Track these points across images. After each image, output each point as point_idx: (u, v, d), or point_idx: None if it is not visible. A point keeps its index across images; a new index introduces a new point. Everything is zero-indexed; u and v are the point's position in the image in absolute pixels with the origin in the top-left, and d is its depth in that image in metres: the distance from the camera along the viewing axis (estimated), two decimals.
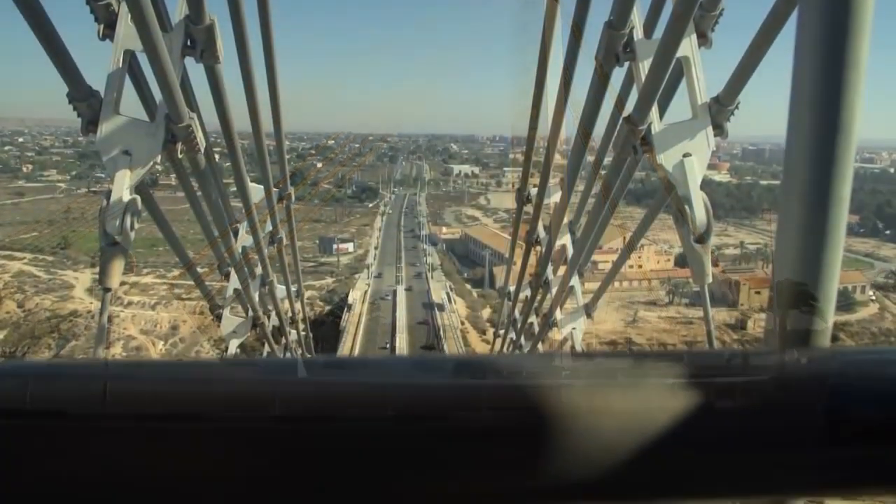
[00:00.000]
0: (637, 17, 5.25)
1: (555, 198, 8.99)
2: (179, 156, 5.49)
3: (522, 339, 13.08)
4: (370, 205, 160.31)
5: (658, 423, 0.40)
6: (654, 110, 5.04)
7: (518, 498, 0.40)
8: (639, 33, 5.20)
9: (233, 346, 10.33)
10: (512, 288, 12.93)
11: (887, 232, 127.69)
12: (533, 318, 12.40)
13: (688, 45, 5.02)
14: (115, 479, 0.36)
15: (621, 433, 0.39)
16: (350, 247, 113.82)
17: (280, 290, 12.05)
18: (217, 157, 8.29)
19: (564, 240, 9.67)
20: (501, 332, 15.46)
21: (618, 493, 0.41)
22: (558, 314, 10.80)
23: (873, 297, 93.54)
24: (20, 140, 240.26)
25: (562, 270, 10.26)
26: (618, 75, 5.70)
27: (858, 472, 0.42)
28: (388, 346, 55.60)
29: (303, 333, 15.72)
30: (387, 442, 0.37)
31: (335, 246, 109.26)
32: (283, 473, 0.37)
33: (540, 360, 0.41)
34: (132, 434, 0.36)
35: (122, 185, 4.90)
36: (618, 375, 0.41)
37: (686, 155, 4.99)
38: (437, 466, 0.38)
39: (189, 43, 5.32)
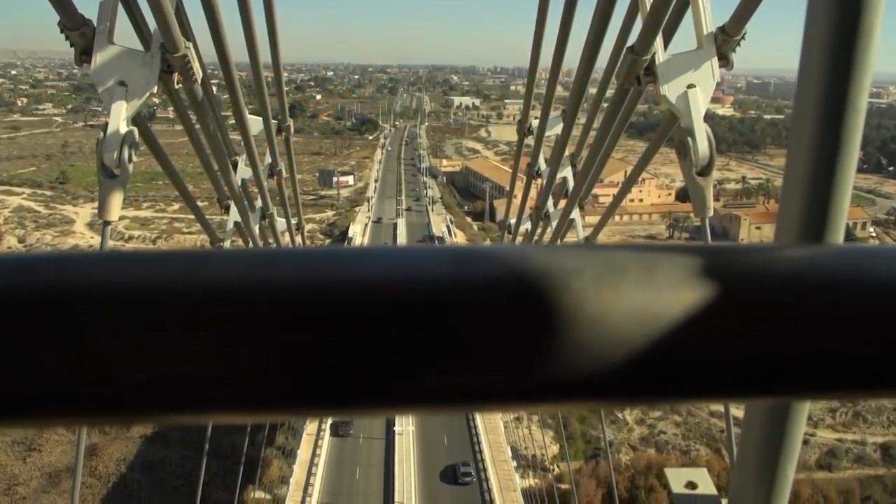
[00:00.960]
0: None
1: (556, 130, 8.91)
2: (176, 87, 5.41)
3: None
4: (370, 137, 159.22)
5: (668, 319, 0.37)
6: (659, 40, 4.95)
7: (521, 394, 0.38)
8: None
9: None
10: (512, 221, 12.93)
11: (890, 168, 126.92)
12: None
13: None
14: (98, 374, 0.34)
15: (630, 328, 0.37)
16: (350, 180, 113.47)
17: (280, 222, 12.08)
18: (215, 89, 8.21)
19: (565, 172, 9.64)
20: None
21: (625, 390, 0.39)
22: None
23: (874, 234, 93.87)
24: (13, 73, 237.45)
25: (562, 203, 10.26)
26: (622, 4, 5.60)
27: (864, 373, 0.39)
28: None
29: None
30: (382, 336, 0.35)
31: (335, 179, 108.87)
32: (275, 368, 0.35)
33: (546, 252, 0.40)
34: (116, 328, 0.34)
35: (119, 117, 4.85)
36: (627, 268, 0.39)
37: (690, 86, 4.92)
38: (434, 362, 0.36)
39: None
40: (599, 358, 0.37)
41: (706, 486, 1.71)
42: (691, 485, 1.71)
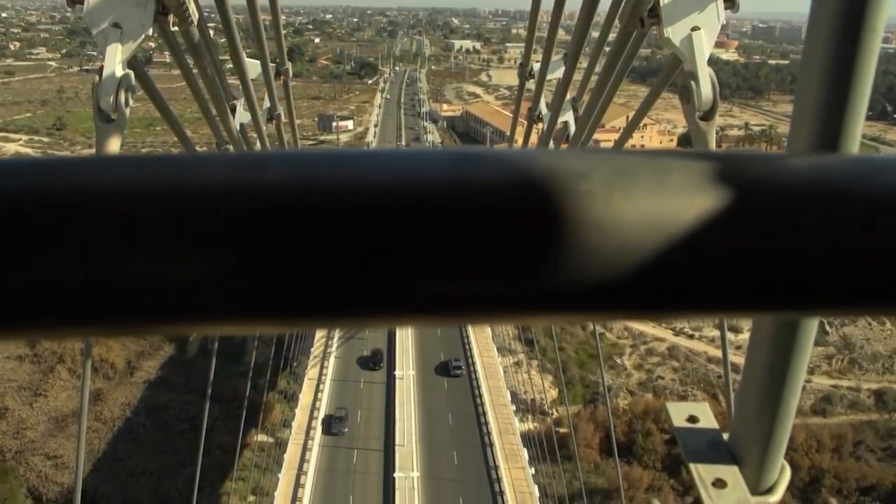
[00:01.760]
0: None
1: (557, 74, 8.81)
2: (172, 29, 5.33)
3: None
4: (369, 81, 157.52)
5: (680, 225, 0.36)
6: None
7: (526, 303, 0.36)
8: None
9: None
10: None
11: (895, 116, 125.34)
12: None
13: None
14: (85, 283, 0.33)
15: (641, 233, 0.35)
16: (350, 124, 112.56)
17: None
18: (212, 32, 8.08)
19: (566, 117, 9.55)
20: None
21: (634, 301, 0.37)
22: None
23: None
24: (4, 16, 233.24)
25: (563, 148, 10.19)
26: None
27: (879, 287, 0.37)
28: None
29: None
30: (378, 241, 0.33)
31: (334, 123, 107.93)
32: (269, 274, 0.34)
33: (553, 154, 0.38)
34: (102, 234, 0.33)
35: (114, 60, 4.79)
36: (638, 171, 0.37)
37: (694, 29, 4.84)
38: (433, 269, 0.34)
39: None
40: (608, 265, 0.35)
41: (707, 421, 1.72)
42: (692, 419, 1.72)
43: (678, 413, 1.74)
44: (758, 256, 0.37)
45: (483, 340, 44.14)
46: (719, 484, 1.60)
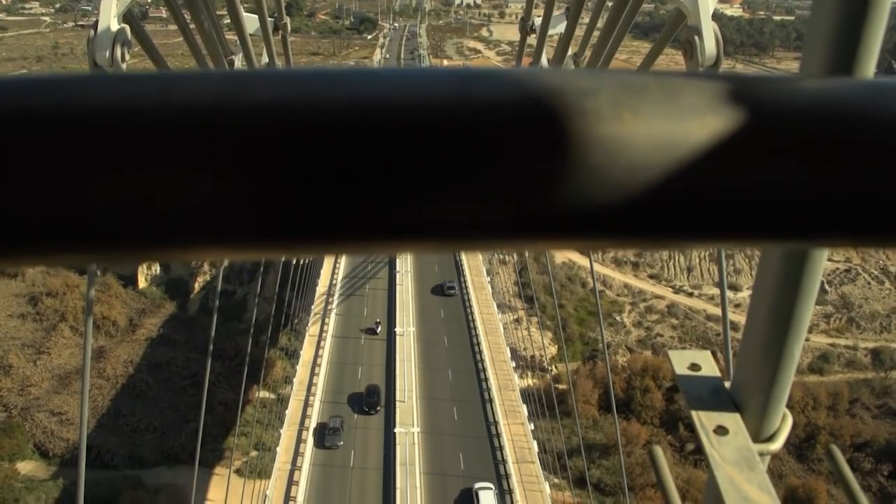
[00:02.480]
0: None
1: (559, 29, 8.69)
2: None
3: None
4: (369, 37, 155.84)
5: (691, 146, 0.34)
6: None
7: (530, 226, 0.35)
8: None
9: None
10: None
11: None
12: None
13: None
14: (70, 205, 0.31)
15: (650, 154, 0.34)
16: None
17: None
18: None
19: None
20: None
21: (642, 223, 0.36)
22: None
23: None
24: None
25: None
26: None
27: (889, 217, 0.36)
28: None
29: None
30: (378, 161, 0.32)
31: None
32: (264, 196, 0.32)
33: (559, 73, 0.37)
34: (86, 153, 0.31)
35: (109, 14, 4.72)
36: (648, 90, 0.35)
37: None
38: (436, 191, 0.33)
39: None
40: (615, 185, 0.34)
41: (709, 368, 1.72)
42: (694, 367, 1.71)
43: (680, 361, 1.73)
44: (769, 180, 0.36)
45: (483, 298, 44.32)
46: (721, 431, 1.61)
